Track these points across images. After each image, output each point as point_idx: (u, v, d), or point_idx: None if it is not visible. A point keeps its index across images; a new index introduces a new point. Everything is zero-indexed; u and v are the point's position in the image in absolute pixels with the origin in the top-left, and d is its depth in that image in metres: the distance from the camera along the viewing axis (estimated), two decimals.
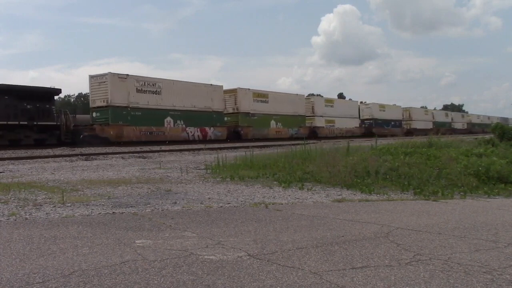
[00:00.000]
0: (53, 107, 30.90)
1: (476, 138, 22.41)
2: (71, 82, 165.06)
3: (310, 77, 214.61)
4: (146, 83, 35.03)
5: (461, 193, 8.21)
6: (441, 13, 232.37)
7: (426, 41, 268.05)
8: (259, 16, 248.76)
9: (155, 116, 35.13)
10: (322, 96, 53.98)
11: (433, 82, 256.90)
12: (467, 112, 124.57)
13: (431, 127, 74.09)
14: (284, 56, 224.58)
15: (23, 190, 8.21)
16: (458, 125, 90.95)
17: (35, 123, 29.05)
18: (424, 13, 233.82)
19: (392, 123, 68.26)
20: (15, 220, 5.63)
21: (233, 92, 43.22)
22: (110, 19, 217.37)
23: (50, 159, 18.27)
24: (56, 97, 33.53)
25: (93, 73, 33.23)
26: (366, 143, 20.40)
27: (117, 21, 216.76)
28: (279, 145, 24.03)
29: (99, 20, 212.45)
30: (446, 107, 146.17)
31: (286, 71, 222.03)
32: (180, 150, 24.58)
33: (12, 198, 7.26)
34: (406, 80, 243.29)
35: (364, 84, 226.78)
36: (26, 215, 5.92)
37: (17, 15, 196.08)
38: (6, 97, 27.77)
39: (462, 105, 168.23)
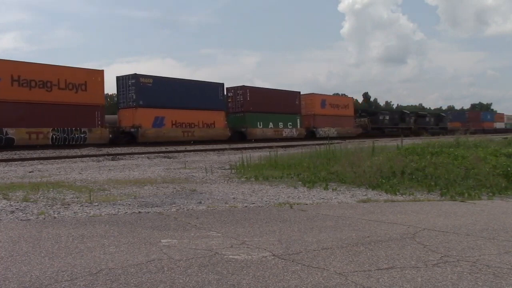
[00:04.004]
0: None
1: (506, 138, 21.96)
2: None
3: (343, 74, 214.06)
4: None
5: (489, 193, 8.05)
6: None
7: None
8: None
9: None
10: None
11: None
12: (494, 111, 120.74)
13: None
14: (321, 50, 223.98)
15: (51, 189, 8.36)
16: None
17: None
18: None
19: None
20: (44, 219, 5.74)
21: None
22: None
23: (77, 159, 18.59)
24: None
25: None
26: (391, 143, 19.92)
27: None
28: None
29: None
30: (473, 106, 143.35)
31: (321, 67, 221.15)
32: (205, 150, 24.73)
33: (41, 197, 7.40)
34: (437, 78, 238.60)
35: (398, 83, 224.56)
36: (54, 214, 6.03)
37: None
38: None
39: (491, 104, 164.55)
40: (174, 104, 35.42)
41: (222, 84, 39.82)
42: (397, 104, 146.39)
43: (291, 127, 46.45)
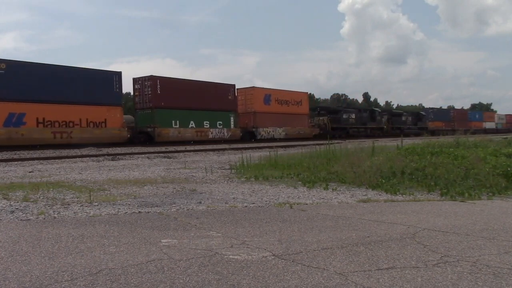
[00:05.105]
0: None
1: (505, 138, 21.95)
2: None
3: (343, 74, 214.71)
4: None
5: (489, 193, 8.05)
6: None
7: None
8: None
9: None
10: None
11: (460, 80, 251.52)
12: (494, 111, 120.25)
13: None
14: (321, 50, 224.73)
15: (51, 189, 8.35)
16: None
17: None
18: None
19: None
20: (44, 219, 5.74)
21: None
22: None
23: (77, 159, 18.59)
24: None
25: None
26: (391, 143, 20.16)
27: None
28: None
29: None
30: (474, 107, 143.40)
31: (321, 67, 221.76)
32: (205, 150, 24.73)
33: (41, 197, 7.40)
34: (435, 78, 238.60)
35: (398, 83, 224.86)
36: (54, 214, 6.03)
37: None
38: None
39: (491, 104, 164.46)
40: (42, 97, 27.32)
41: (119, 73, 31.76)
42: (397, 104, 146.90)
43: (221, 126, 38.62)
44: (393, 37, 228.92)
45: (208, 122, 37.63)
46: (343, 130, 52.01)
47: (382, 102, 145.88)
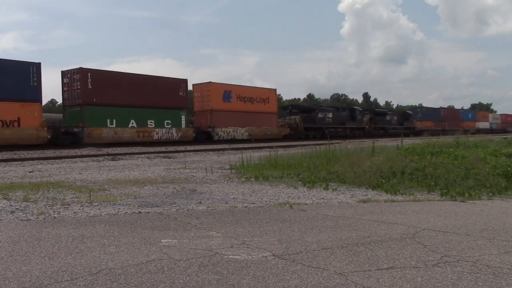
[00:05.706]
0: None
1: (505, 138, 21.96)
2: None
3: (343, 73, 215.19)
4: None
5: (489, 193, 8.05)
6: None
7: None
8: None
9: None
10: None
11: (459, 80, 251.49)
12: (494, 111, 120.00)
13: None
14: (321, 50, 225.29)
15: (51, 189, 8.35)
16: None
17: None
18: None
19: None
20: (44, 219, 5.74)
21: None
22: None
23: (77, 159, 18.60)
24: None
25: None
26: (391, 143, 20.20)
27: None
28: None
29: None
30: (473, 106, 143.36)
31: (321, 67, 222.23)
32: (205, 150, 24.74)
33: (41, 198, 7.40)
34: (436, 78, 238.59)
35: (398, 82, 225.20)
36: (54, 214, 6.03)
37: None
38: None
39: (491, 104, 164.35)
40: None
41: (38, 65, 26.80)
42: (397, 104, 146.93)
43: (169, 126, 34.05)
44: (393, 37, 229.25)
45: (153, 121, 33.21)
46: (318, 130, 47.79)
47: (382, 102, 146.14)
